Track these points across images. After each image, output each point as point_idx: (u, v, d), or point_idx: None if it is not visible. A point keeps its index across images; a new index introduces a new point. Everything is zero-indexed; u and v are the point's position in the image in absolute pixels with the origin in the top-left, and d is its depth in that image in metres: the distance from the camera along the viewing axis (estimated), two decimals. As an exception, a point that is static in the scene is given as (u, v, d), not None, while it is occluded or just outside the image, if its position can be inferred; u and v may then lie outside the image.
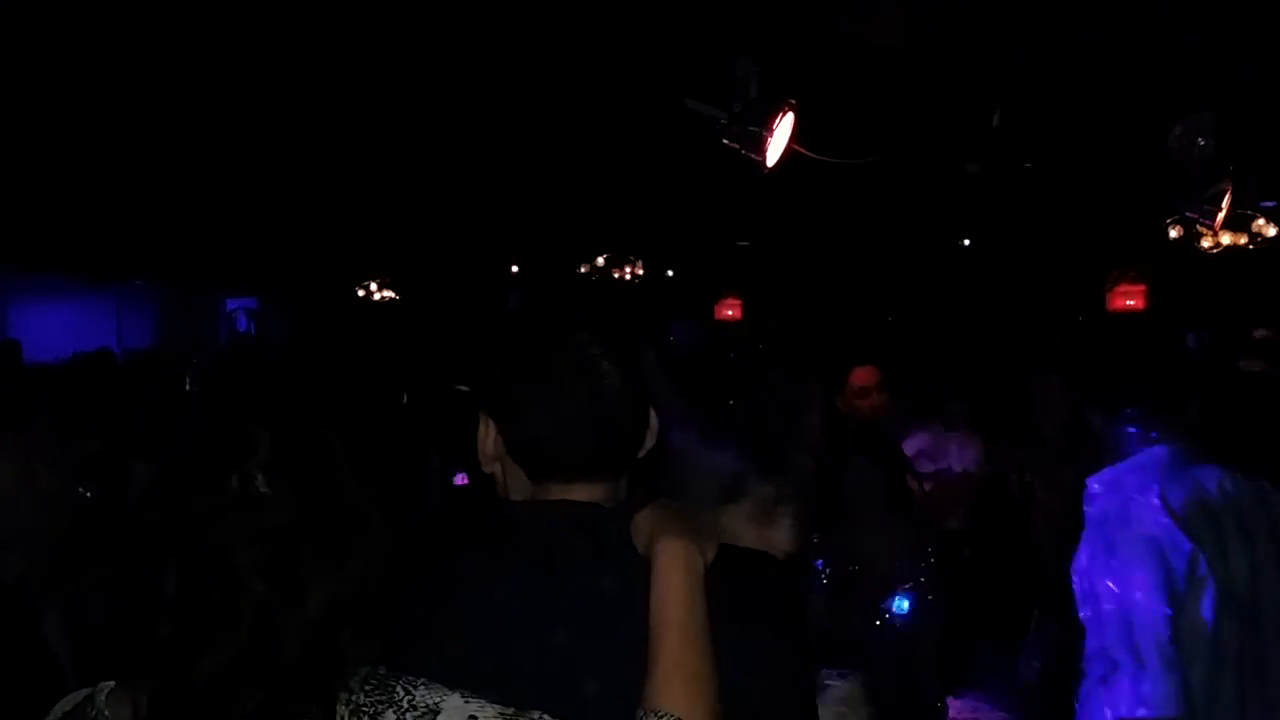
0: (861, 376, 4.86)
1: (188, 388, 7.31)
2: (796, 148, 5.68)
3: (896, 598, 4.05)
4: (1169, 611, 2.47)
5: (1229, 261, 10.10)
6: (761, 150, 5.39)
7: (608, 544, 1.51)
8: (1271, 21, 5.86)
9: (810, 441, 4.79)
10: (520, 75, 6.90)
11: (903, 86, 6.63)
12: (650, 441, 1.65)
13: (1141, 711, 2.44)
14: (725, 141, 5.39)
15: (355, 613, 1.36)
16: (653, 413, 1.64)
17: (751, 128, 5.40)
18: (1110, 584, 2.53)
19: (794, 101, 5.40)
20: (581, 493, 1.57)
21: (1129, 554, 2.53)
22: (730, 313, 15.49)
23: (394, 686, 1.36)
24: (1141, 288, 12.45)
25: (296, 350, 12.65)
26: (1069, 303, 12.84)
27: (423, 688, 1.36)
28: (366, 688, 1.35)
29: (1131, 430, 2.68)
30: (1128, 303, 12.46)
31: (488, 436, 1.62)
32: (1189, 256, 10.11)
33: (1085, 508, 2.72)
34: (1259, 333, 6.40)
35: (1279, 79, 6.69)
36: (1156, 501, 2.57)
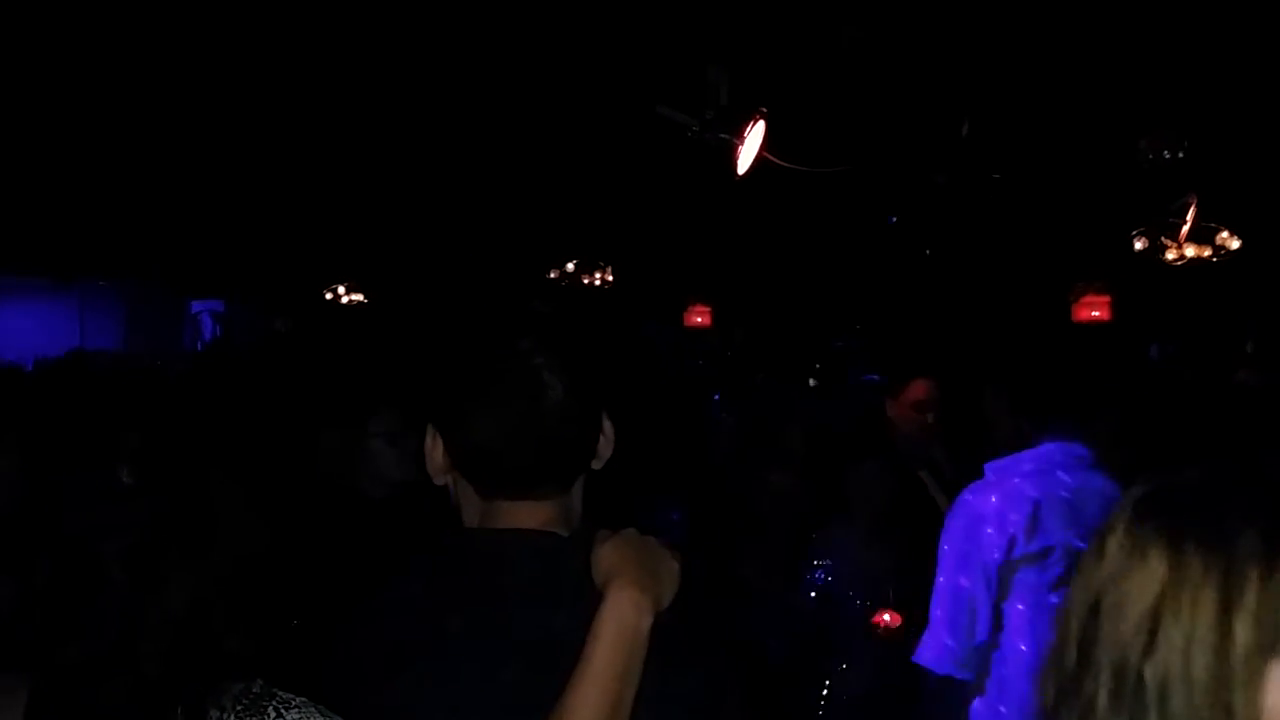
0: (920, 390, 4.52)
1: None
2: (767, 156, 5.69)
3: (887, 614, 3.92)
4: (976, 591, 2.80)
5: (1193, 274, 10.21)
6: (732, 158, 5.40)
7: (562, 577, 1.48)
8: (1234, 37, 5.93)
9: (795, 458, 4.74)
10: (492, 81, 6.89)
11: (872, 97, 6.66)
12: (606, 450, 1.61)
13: (927, 661, 2.82)
14: (697, 147, 5.41)
15: (226, 610, 1.36)
16: (606, 421, 1.61)
17: (723, 135, 5.41)
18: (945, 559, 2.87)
19: (764, 110, 5.41)
20: (530, 509, 1.54)
21: (963, 533, 2.87)
22: (700, 320, 15.49)
23: (266, 706, 1.35)
24: (1106, 299, 12.55)
25: (256, 353, 12.53)
26: (1035, 313, 12.93)
27: (296, 710, 1.35)
28: (238, 708, 1.35)
29: (1044, 430, 2.94)
30: (1093, 314, 12.55)
31: (435, 448, 1.59)
32: (1154, 268, 10.22)
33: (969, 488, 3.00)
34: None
35: (1244, 93, 6.77)
36: (1019, 491, 2.85)
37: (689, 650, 1.48)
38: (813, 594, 4.11)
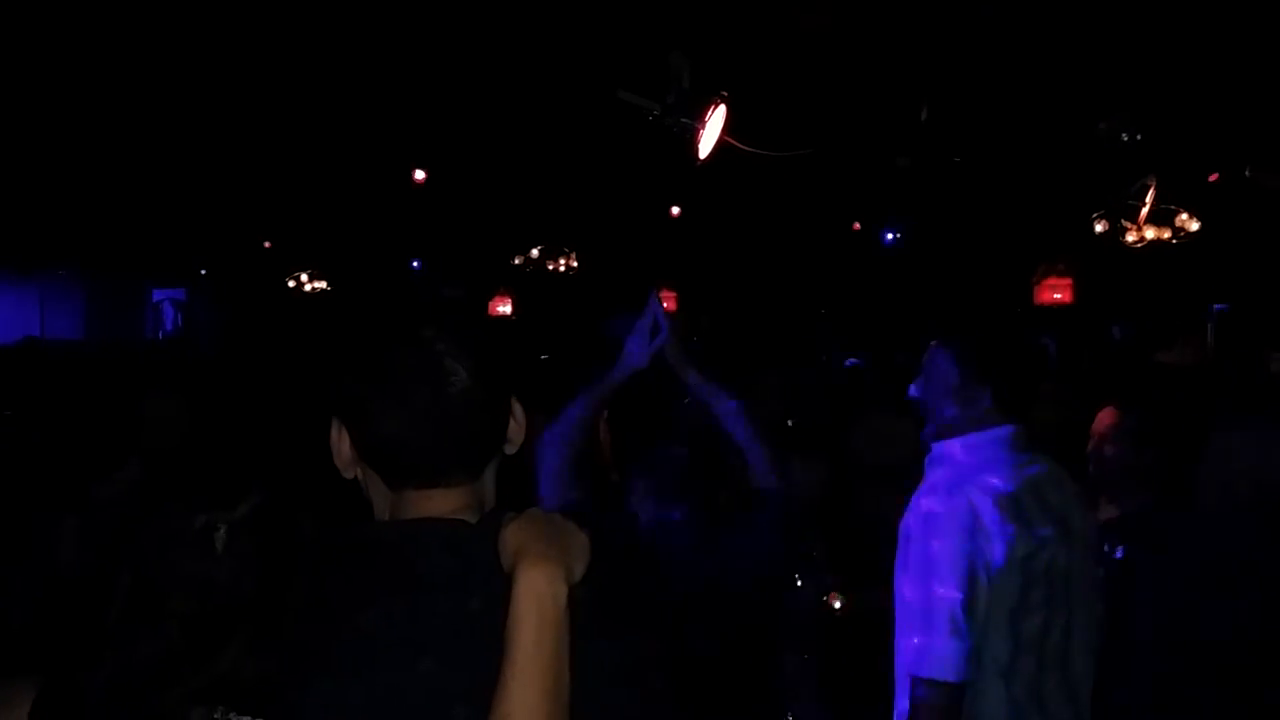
0: None
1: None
2: (729, 140, 5.70)
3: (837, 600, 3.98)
4: (960, 595, 2.53)
5: (1152, 256, 10.30)
6: (694, 142, 5.41)
7: (473, 563, 1.46)
8: (1192, 20, 6.00)
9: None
10: (454, 67, 6.86)
11: (834, 81, 6.69)
12: (518, 435, 1.61)
13: (926, 671, 2.53)
14: (659, 132, 5.41)
15: (233, 641, 1.35)
16: (516, 406, 1.60)
17: (684, 120, 5.41)
18: (920, 554, 2.62)
19: (726, 94, 5.41)
20: (440, 498, 1.53)
21: (944, 529, 2.59)
22: (665, 305, 15.51)
23: None
24: (1068, 281, 12.66)
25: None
26: (997, 295, 13.04)
27: None
28: None
29: (988, 408, 2.79)
30: (1055, 295, 12.66)
31: (341, 441, 1.57)
32: (1114, 250, 10.31)
33: (926, 467, 2.83)
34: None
35: (1202, 75, 6.84)
36: (993, 481, 2.66)
37: (608, 621, 1.48)
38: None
